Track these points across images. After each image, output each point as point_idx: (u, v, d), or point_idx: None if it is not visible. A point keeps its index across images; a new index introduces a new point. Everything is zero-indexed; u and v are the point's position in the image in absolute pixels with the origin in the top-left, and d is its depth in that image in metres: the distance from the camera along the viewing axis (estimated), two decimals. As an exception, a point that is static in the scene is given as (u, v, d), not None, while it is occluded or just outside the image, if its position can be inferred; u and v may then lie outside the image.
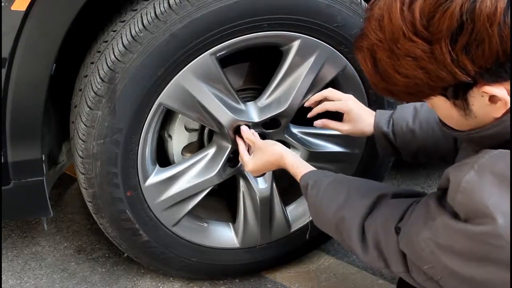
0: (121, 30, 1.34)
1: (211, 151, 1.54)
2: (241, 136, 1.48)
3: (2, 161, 1.35)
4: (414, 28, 0.88)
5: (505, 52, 0.85)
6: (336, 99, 1.43)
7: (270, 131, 1.53)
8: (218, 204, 1.76)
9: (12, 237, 1.93)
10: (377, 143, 1.40)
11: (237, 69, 1.57)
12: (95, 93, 1.35)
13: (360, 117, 1.40)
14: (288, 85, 1.48)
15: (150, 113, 1.39)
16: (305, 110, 1.50)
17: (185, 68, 1.36)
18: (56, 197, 2.13)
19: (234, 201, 1.65)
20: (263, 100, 1.50)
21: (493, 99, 0.89)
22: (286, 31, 1.40)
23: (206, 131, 1.59)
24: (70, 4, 1.25)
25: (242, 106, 1.49)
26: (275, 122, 1.53)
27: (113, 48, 1.33)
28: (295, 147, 1.58)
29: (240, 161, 1.50)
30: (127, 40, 1.32)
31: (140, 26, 1.31)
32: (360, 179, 1.32)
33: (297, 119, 1.56)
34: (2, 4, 1.21)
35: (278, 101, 1.50)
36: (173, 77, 1.36)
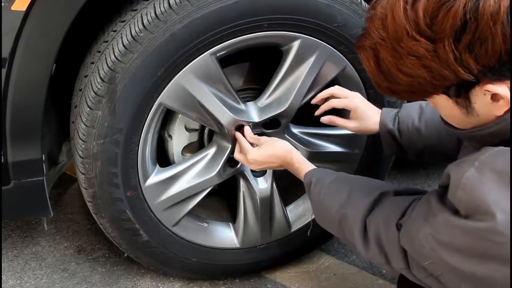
0: (121, 30, 1.34)
1: (211, 151, 1.54)
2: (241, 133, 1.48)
3: (2, 161, 1.35)
4: (417, 27, 0.88)
5: (508, 51, 0.85)
6: (343, 97, 1.43)
7: (270, 131, 1.53)
8: (218, 204, 1.76)
9: (12, 237, 1.93)
10: (383, 141, 1.41)
11: (237, 69, 1.57)
12: (95, 93, 1.35)
13: (366, 114, 1.41)
14: (288, 85, 1.48)
15: (150, 113, 1.39)
16: (305, 110, 1.50)
17: (185, 68, 1.36)
18: (56, 197, 2.13)
19: (234, 201, 1.65)
20: (263, 100, 1.50)
21: (495, 97, 0.90)
22: (286, 31, 1.40)
23: (206, 131, 1.59)
24: (70, 4, 1.25)
25: (242, 106, 1.49)
26: (275, 122, 1.53)
27: (113, 48, 1.33)
28: (295, 147, 1.57)
29: (236, 156, 1.47)
30: (127, 40, 1.32)
31: (140, 26, 1.31)
32: (362, 177, 1.34)
33: (297, 119, 1.56)
34: (2, 4, 1.21)
35: (278, 101, 1.50)
36: (173, 77, 1.36)
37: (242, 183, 1.61)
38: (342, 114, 1.47)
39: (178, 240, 1.59)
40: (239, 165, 1.56)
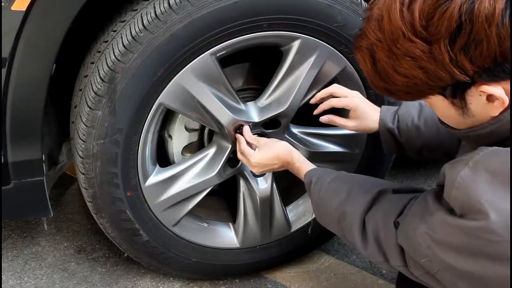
0: (121, 30, 1.34)
1: (211, 151, 1.54)
2: (241, 134, 1.48)
3: (2, 161, 1.35)
4: (413, 29, 0.89)
5: (503, 52, 0.86)
6: (342, 96, 1.43)
7: (270, 131, 1.54)
8: (218, 204, 1.76)
9: (12, 237, 1.93)
10: (382, 139, 1.41)
11: (237, 69, 1.57)
12: (95, 93, 1.35)
13: (365, 113, 1.41)
14: (288, 85, 1.48)
15: (150, 113, 1.39)
16: (305, 110, 1.50)
17: (185, 68, 1.36)
18: (56, 197, 2.13)
19: (234, 201, 1.65)
20: (263, 100, 1.51)
21: (490, 98, 0.91)
22: (286, 31, 1.40)
23: (206, 131, 1.59)
24: (70, 4, 1.25)
25: (242, 106, 1.49)
26: (275, 122, 1.53)
27: (113, 48, 1.33)
28: (295, 147, 1.57)
29: (239, 157, 1.47)
30: (127, 40, 1.32)
31: (140, 26, 1.31)
32: (362, 176, 1.36)
33: (297, 119, 1.56)
34: (2, 4, 1.21)
35: (278, 101, 1.50)
36: (173, 77, 1.36)
37: (242, 183, 1.61)
38: (341, 113, 1.47)
39: (178, 240, 1.59)
40: (239, 165, 1.56)
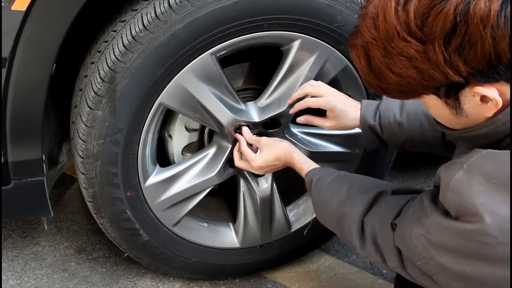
0: (121, 30, 1.34)
1: (211, 151, 1.54)
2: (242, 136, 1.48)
3: (2, 161, 1.35)
4: (408, 28, 0.89)
5: (497, 54, 0.86)
6: (318, 96, 1.42)
7: (270, 131, 1.53)
8: (218, 204, 1.76)
9: (12, 237, 1.93)
10: (364, 136, 1.41)
11: (237, 69, 1.57)
12: (95, 93, 1.35)
13: (344, 113, 1.40)
14: (289, 85, 1.48)
15: (150, 113, 1.39)
16: (305, 110, 1.50)
17: (185, 68, 1.36)
18: (56, 197, 2.13)
19: (234, 201, 1.65)
20: (263, 100, 1.50)
21: (484, 99, 0.91)
22: (286, 31, 1.40)
23: (206, 131, 1.59)
24: (70, 4, 1.25)
25: (242, 106, 1.49)
26: (275, 122, 1.53)
27: (113, 48, 1.33)
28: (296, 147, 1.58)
29: (239, 165, 1.48)
30: (128, 40, 1.32)
31: (141, 26, 1.31)
32: (362, 176, 1.36)
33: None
34: (2, 4, 1.20)
35: (278, 101, 1.49)
36: (173, 77, 1.36)
37: (242, 183, 1.61)
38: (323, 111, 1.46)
39: (178, 240, 1.59)
40: (239, 165, 1.56)
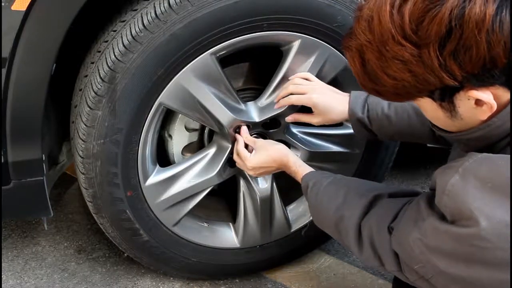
0: (121, 30, 1.34)
1: (211, 151, 1.54)
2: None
3: (2, 161, 1.35)
4: (403, 32, 0.89)
5: (492, 58, 0.86)
6: (301, 93, 1.43)
7: (270, 131, 1.54)
8: (218, 204, 1.76)
9: (12, 237, 1.93)
10: (353, 127, 1.42)
11: (237, 69, 1.57)
12: (95, 93, 1.35)
13: (329, 107, 1.41)
14: (288, 85, 1.48)
15: (150, 113, 1.39)
16: (305, 109, 1.50)
17: (185, 68, 1.36)
18: (56, 197, 2.13)
19: (234, 201, 1.65)
20: (263, 100, 1.51)
21: (479, 102, 0.91)
22: (286, 31, 1.40)
23: (206, 131, 1.59)
24: (70, 4, 1.25)
25: (242, 106, 1.49)
26: (275, 122, 1.53)
27: (113, 48, 1.33)
28: (295, 147, 1.58)
29: (236, 159, 1.48)
30: (128, 40, 1.32)
31: (141, 26, 1.31)
32: (358, 179, 1.35)
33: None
34: (2, 4, 1.21)
35: (278, 101, 1.50)
36: (173, 77, 1.36)
37: (242, 183, 1.61)
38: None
39: (178, 240, 1.59)
40: (239, 165, 1.56)
